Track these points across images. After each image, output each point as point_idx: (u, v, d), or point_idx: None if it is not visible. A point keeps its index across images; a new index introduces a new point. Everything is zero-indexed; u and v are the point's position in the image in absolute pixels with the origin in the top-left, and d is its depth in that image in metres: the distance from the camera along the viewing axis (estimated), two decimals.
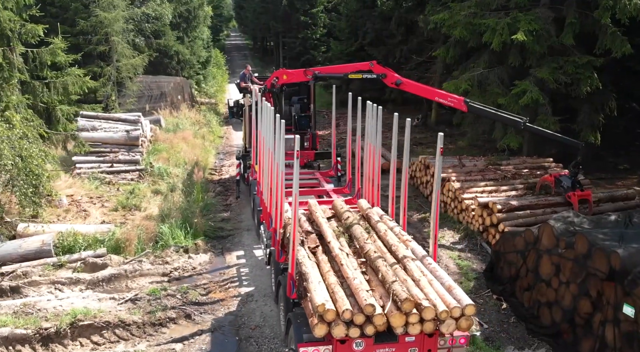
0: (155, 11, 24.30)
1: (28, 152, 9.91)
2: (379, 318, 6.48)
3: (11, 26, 10.44)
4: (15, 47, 10.70)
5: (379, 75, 13.01)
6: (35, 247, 10.44)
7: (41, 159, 10.23)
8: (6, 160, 9.51)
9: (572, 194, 12.10)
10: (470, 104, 12.38)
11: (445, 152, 19.77)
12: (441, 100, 12.91)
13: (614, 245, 8.01)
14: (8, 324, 8.43)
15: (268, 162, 9.98)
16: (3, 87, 10.38)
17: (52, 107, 11.81)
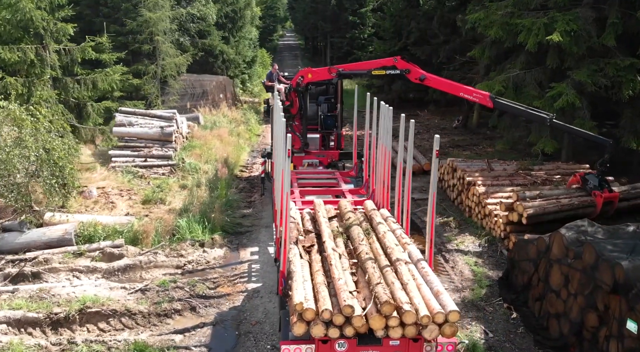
0: (200, 11, 24.94)
1: (51, 145, 10.47)
2: (358, 320, 6.43)
3: (43, 25, 11.02)
4: (48, 44, 11.28)
5: (403, 71, 12.83)
6: (58, 235, 11.00)
7: (64, 152, 10.76)
8: (30, 152, 10.09)
9: (598, 194, 11.59)
10: (496, 100, 12.07)
11: (483, 155, 19.56)
12: (466, 96, 12.62)
13: (622, 257, 7.62)
14: (22, 307, 8.93)
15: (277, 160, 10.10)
16: (34, 83, 10.98)
17: (83, 102, 12.39)
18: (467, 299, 10.27)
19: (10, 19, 10.73)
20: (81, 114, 12.38)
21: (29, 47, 10.80)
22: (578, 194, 12.18)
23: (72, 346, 8.18)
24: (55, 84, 11.81)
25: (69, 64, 11.65)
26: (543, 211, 11.59)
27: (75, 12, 25.80)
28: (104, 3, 25.84)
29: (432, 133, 25.71)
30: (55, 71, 11.50)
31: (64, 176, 10.91)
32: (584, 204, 11.79)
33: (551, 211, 11.59)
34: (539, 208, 11.59)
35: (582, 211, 11.75)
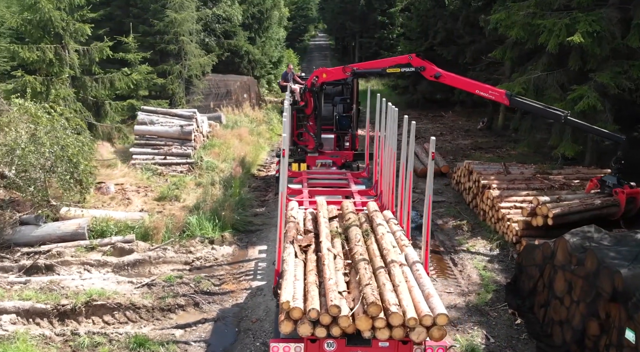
0: (225, 12, 25.27)
1: (65, 142, 10.80)
2: (344, 320, 6.45)
3: (63, 25, 11.38)
4: (67, 44, 11.65)
5: (417, 68, 12.75)
6: (72, 229, 11.35)
7: (78, 149, 11.09)
8: (45, 148, 10.46)
9: (620, 191, 11.31)
10: (512, 98, 11.88)
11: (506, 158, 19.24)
12: (482, 94, 12.45)
13: (623, 264, 7.42)
14: (32, 298, 9.24)
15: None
16: (52, 81, 11.35)
17: (101, 101, 12.73)
18: (472, 304, 10.14)
19: (32, 19, 11.12)
20: (99, 112, 12.74)
21: (49, 47, 11.18)
22: (599, 196, 11.89)
23: (74, 337, 8.42)
24: (74, 82, 12.18)
25: (87, 63, 11.99)
26: (569, 210, 11.28)
27: (106, 12, 26.56)
28: (133, 4, 26.46)
29: (455, 135, 25.46)
30: (74, 70, 11.86)
31: (79, 172, 11.24)
32: (607, 203, 11.49)
33: (577, 210, 11.28)
34: (565, 207, 11.30)
35: (606, 211, 11.43)
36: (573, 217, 11.22)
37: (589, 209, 11.38)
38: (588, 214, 11.26)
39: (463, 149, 22.20)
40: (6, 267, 10.51)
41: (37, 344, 8.20)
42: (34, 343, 8.16)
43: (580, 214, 11.28)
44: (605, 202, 11.48)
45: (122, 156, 17.20)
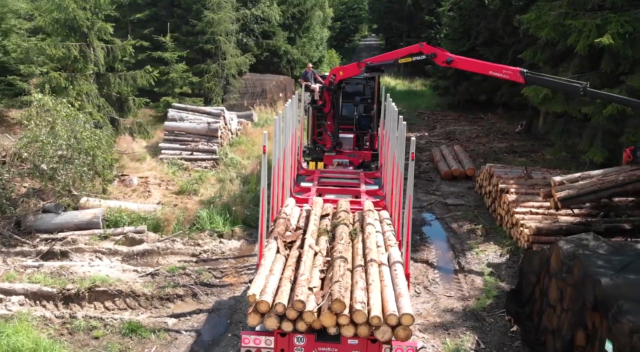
0: (264, 13, 25.69)
1: (82, 135, 11.39)
2: (309, 315, 6.54)
3: (87, 24, 12.01)
4: (92, 42, 12.27)
5: (429, 56, 12.60)
6: (88, 218, 11.94)
7: (94, 142, 11.66)
8: (61, 140, 11.07)
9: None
10: (527, 75, 11.50)
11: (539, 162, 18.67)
12: (495, 74, 12.16)
13: (608, 273, 7.15)
14: (40, 281, 9.82)
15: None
16: (76, 77, 11.98)
17: (124, 97, 13.32)
18: (469, 308, 9.98)
19: (59, 18, 11.81)
20: (122, 108, 13.33)
21: (74, 45, 11.82)
22: (626, 170, 11.18)
23: (72, 320, 8.89)
24: (98, 79, 12.81)
25: (111, 60, 12.61)
26: (577, 193, 10.61)
27: (152, 13, 27.61)
28: (177, 5, 27.37)
29: (492, 137, 24.86)
30: (98, 67, 12.48)
31: (95, 165, 11.81)
32: (631, 178, 10.70)
33: (588, 190, 10.52)
34: (573, 190, 10.62)
35: (631, 187, 10.65)
36: (586, 198, 10.46)
37: (606, 188, 10.50)
38: (607, 192, 10.42)
39: (496, 152, 21.67)
40: (25, 251, 11.19)
41: (37, 324, 8.72)
42: (34, 324, 8.68)
43: (596, 193, 10.45)
44: (629, 177, 10.65)
45: (152, 151, 17.89)
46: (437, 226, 14.10)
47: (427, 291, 10.70)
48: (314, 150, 15.45)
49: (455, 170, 17.79)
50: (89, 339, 8.59)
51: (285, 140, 10.72)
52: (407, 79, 44.94)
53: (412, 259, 12.04)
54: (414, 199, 15.75)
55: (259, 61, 28.58)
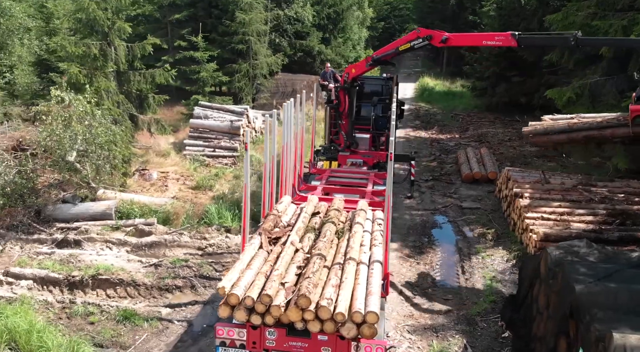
0: (297, 14, 25.95)
1: (96, 130, 11.92)
2: (276, 309, 6.66)
3: (108, 24, 12.56)
4: (112, 41, 12.82)
5: (425, 38, 12.45)
6: (101, 210, 12.47)
7: (108, 137, 12.17)
8: (77, 136, 11.63)
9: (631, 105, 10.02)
10: (519, 37, 11.08)
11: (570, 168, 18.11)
12: (489, 43, 11.90)
13: (587, 281, 6.96)
14: (49, 267, 10.36)
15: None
16: (95, 75, 12.56)
17: (144, 94, 13.84)
18: (463, 312, 9.85)
19: (81, 18, 12.43)
20: (142, 105, 13.86)
21: (94, 43, 12.39)
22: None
23: (71, 305, 9.35)
24: (119, 76, 13.36)
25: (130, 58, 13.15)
26: (544, 129, 9.91)
27: (190, 13, 28.37)
28: (215, 5, 28.02)
29: (524, 141, 24.18)
30: (118, 65, 13.03)
31: (109, 159, 12.33)
32: (610, 122, 9.83)
33: (558, 129, 9.80)
34: (541, 127, 9.94)
35: (610, 132, 9.76)
36: (556, 137, 9.77)
37: (579, 129, 9.71)
38: (579, 133, 9.70)
39: (526, 156, 21.12)
40: (42, 239, 11.81)
41: (39, 308, 9.22)
42: (36, 307, 9.19)
43: (567, 133, 9.75)
44: (608, 120, 9.79)
45: (178, 147, 18.47)
46: (448, 229, 13.93)
47: (425, 293, 10.61)
48: (329, 149, 15.53)
49: (477, 173, 17.48)
50: (85, 324, 9.01)
51: (288, 139, 10.87)
52: (447, 80, 44.30)
53: (415, 261, 11.99)
54: (429, 202, 15.71)
55: (293, 61, 28.90)
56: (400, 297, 10.36)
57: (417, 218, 14.39)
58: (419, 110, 33.46)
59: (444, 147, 23.24)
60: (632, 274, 7.17)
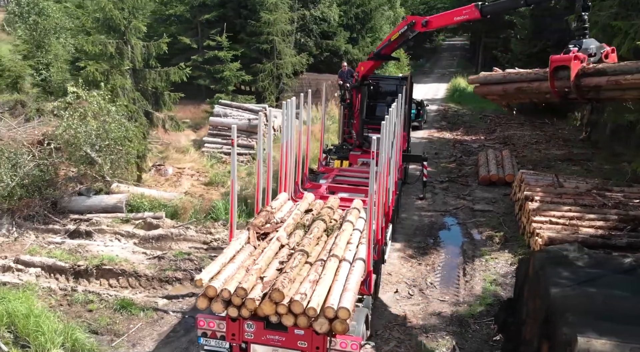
0: (323, 13, 26.08)
1: (109, 126, 12.34)
2: (250, 302, 6.82)
3: (124, 23, 12.99)
4: (129, 40, 13.25)
5: (409, 25, 12.52)
6: (113, 203, 12.90)
7: (121, 133, 12.58)
8: (92, 131, 12.09)
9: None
10: (482, 8, 10.98)
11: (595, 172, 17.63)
12: (459, 19, 11.76)
13: (565, 284, 6.84)
14: (56, 256, 10.82)
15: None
16: (112, 72, 13.02)
17: (160, 92, 14.24)
18: (457, 314, 9.77)
19: (99, 17, 12.91)
20: (158, 102, 14.27)
21: (110, 42, 12.85)
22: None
23: (73, 293, 9.74)
24: (135, 74, 13.79)
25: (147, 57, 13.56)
26: (485, 79, 9.45)
27: (220, 13, 28.87)
28: (244, 6, 28.43)
29: (551, 144, 23.67)
30: (134, 63, 13.45)
31: (122, 154, 12.74)
32: (537, 75, 9.12)
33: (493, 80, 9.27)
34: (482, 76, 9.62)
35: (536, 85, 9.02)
36: (494, 88, 9.35)
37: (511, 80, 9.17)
38: (511, 85, 9.18)
39: (550, 159, 20.64)
40: (55, 229, 12.32)
41: (42, 294, 9.65)
42: (40, 293, 9.63)
43: (502, 84, 9.27)
44: (537, 73, 9.13)
45: (198, 144, 18.91)
46: (456, 230, 13.79)
47: (422, 293, 10.57)
48: (341, 148, 15.60)
49: (493, 175, 17.21)
50: (83, 311, 9.38)
51: (288, 137, 11.00)
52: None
53: (417, 261, 11.94)
54: (441, 203, 15.57)
55: (319, 61, 29.03)
56: (395, 297, 10.36)
57: (426, 219, 14.30)
58: (447, 111, 33.08)
59: (467, 149, 22.93)
60: (616, 279, 7.00)
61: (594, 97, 8.49)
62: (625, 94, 8.04)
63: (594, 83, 8.07)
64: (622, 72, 7.82)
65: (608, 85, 7.90)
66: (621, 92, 8.02)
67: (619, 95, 8.21)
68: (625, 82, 7.67)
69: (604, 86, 7.98)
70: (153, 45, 13.55)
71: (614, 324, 5.95)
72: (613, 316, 6.13)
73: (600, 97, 8.53)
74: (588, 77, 8.06)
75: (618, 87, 7.86)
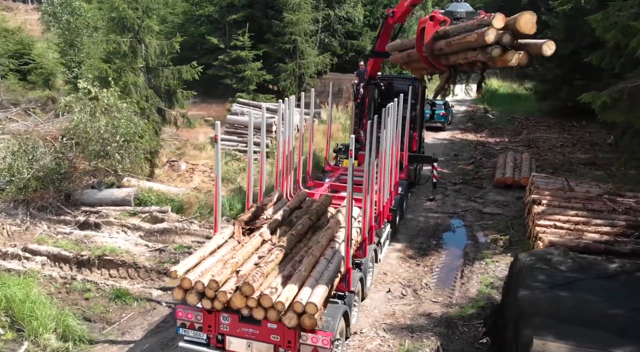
0: (347, 13, 26.13)
1: (119, 122, 12.73)
2: (222, 295, 7.00)
3: (138, 23, 13.39)
4: (143, 39, 13.65)
5: (384, 18, 12.75)
6: (122, 196, 13.31)
7: (129, 129, 12.95)
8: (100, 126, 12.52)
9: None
10: None
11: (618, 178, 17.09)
12: (407, 3, 11.86)
13: (539, 288, 6.74)
14: (62, 246, 11.26)
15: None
16: (124, 70, 13.43)
17: (173, 90, 14.60)
18: (446, 315, 9.69)
19: (114, 17, 13.36)
20: (171, 100, 14.64)
21: (124, 41, 13.27)
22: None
23: (72, 282, 10.13)
24: (149, 72, 14.20)
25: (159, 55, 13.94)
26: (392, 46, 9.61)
27: (247, 14, 29.29)
28: (271, 6, 28.77)
29: (577, 148, 23.08)
30: (147, 61, 13.85)
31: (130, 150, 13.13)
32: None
33: (396, 47, 9.93)
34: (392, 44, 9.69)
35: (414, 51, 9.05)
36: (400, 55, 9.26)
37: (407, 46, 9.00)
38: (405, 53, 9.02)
39: (573, 163, 20.13)
40: (67, 220, 12.80)
41: (43, 281, 10.08)
42: (41, 281, 10.05)
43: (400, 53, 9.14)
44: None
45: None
46: (461, 233, 13.63)
47: (415, 294, 10.52)
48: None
49: (508, 178, 16.91)
50: (80, 299, 9.74)
51: (287, 135, 11.14)
52: (516, 82, 42.76)
53: (415, 262, 11.88)
54: (450, 205, 15.41)
55: (345, 61, 29.07)
56: (387, 296, 10.34)
57: (432, 220, 14.18)
58: (475, 112, 32.62)
59: (488, 151, 22.57)
60: (594, 284, 6.85)
61: (446, 62, 8.30)
62: (459, 58, 7.76)
63: (438, 46, 7.86)
64: (455, 33, 7.56)
65: (445, 48, 7.63)
66: (456, 56, 7.78)
67: (459, 60, 7.95)
68: (454, 43, 7.42)
69: (443, 49, 7.72)
70: (166, 44, 13.91)
71: (578, 328, 5.85)
72: (580, 321, 6.02)
73: (451, 63, 8.33)
74: (438, 41, 7.87)
75: (452, 50, 7.62)
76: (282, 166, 10.93)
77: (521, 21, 7.01)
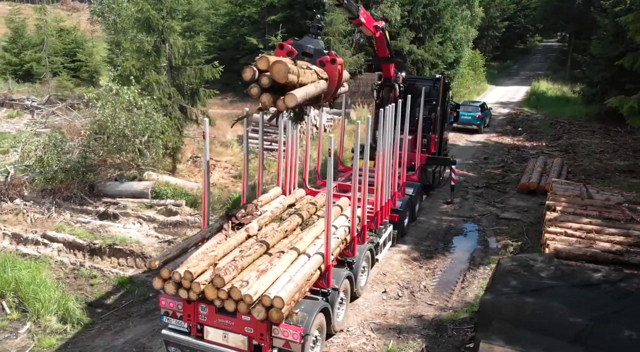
0: (384, 13, 26.03)
1: (138, 119, 13.27)
2: (196, 286, 7.26)
3: (162, 23, 13.91)
4: (167, 38, 14.16)
5: (359, 24, 12.44)
6: (140, 189, 13.88)
7: (147, 125, 13.47)
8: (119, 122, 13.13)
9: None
10: None
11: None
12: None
13: (508, 293, 6.63)
14: (78, 234, 11.89)
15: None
16: (147, 68, 13.98)
17: (196, 88, 15.06)
18: (439, 319, 9.59)
19: (140, 17, 13.93)
20: (194, 98, 15.10)
21: (147, 40, 13.82)
22: None
23: (80, 268, 10.70)
24: (172, 71, 14.72)
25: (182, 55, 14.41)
26: None
27: (286, 14, 29.69)
28: (310, 7, 29.03)
29: (617, 154, 22.21)
30: (170, 60, 14.36)
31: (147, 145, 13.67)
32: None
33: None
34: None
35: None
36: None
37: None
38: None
39: (609, 170, 19.34)
40: (88, 210, 13.49)
41: (54, 266, 10.69)
42: (52, 266, 10.67)
43: None
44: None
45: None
46: (473, 237, 13.42)
47: (411, 296, 10.48)
48: (370, 148, 15.63)
49: (532, 183, 16.46)
50: (85, 285, 10.29)
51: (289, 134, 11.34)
52: (567, 85, 41.25)
53: (418, 264, 11.81)
54: (467, 209, 15.19)
55: None
56: (382, 296, 10.35)
57: (444, 224, 14.02)
58: (517, 115, 31.77)
59: (522, 155, 21.99)
60: (565, 292, 6.69)
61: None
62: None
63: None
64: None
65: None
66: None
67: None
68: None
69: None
70: (188, 44, 14.38)
71: (534, 334, 5.75)
72: (538, 327, 5.91)
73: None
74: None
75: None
76: (284, 164, 11.12)
77: (274, 68, 6.94)
